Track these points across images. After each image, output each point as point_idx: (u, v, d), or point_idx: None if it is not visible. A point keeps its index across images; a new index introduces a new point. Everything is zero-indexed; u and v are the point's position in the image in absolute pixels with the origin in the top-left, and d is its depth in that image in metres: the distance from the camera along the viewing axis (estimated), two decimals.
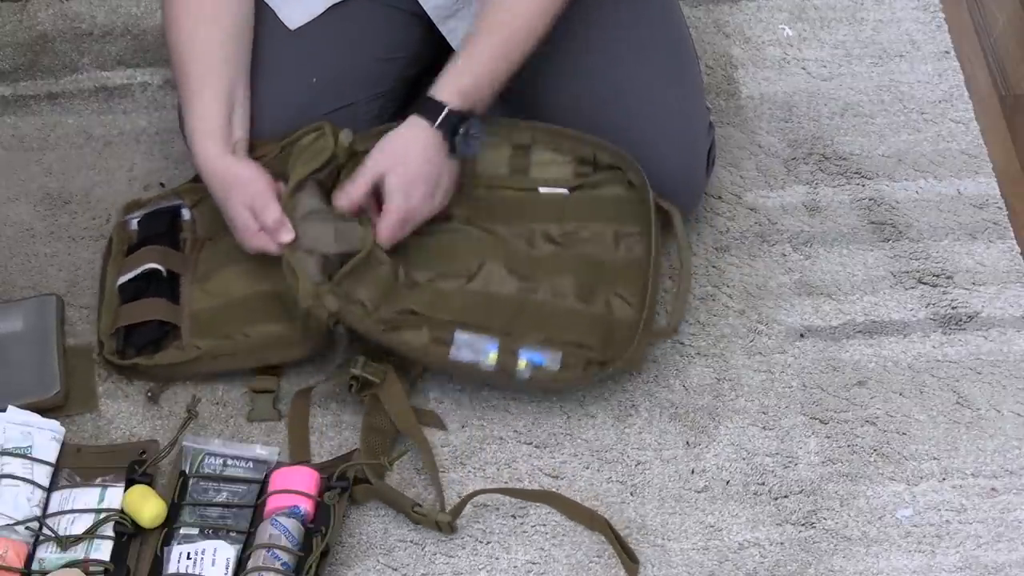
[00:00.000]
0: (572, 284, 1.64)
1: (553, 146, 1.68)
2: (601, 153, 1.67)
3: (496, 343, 1.60)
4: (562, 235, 1.67)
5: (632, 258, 1.65)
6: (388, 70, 1.72)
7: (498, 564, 1.55)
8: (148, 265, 1.68)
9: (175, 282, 1.69)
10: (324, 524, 1.51)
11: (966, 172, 1.86)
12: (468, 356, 1.60)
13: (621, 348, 1.59)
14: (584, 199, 1.68)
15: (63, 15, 2.02)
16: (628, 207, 1.66)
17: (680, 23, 1.76)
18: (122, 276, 1.69)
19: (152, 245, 1.70)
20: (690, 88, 1.72)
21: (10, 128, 1.91)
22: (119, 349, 1.66)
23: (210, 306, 1.66)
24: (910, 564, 1.55)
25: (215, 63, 1.61)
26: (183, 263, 1.70)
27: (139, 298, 1.67)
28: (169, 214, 1.73)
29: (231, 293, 1.66)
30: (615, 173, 1.67)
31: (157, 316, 1.65)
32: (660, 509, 1.58)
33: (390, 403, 1.60)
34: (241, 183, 1.59)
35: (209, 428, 1.64)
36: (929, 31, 2.00)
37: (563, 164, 1.68)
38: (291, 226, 1.58)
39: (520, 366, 1.59)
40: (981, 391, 1.67)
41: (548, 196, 1.69)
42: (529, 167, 1.69)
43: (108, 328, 1.67)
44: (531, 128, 1.68)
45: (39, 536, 1.52)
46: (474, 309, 1.62)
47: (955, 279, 1.76)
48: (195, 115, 1.60)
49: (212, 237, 1.70)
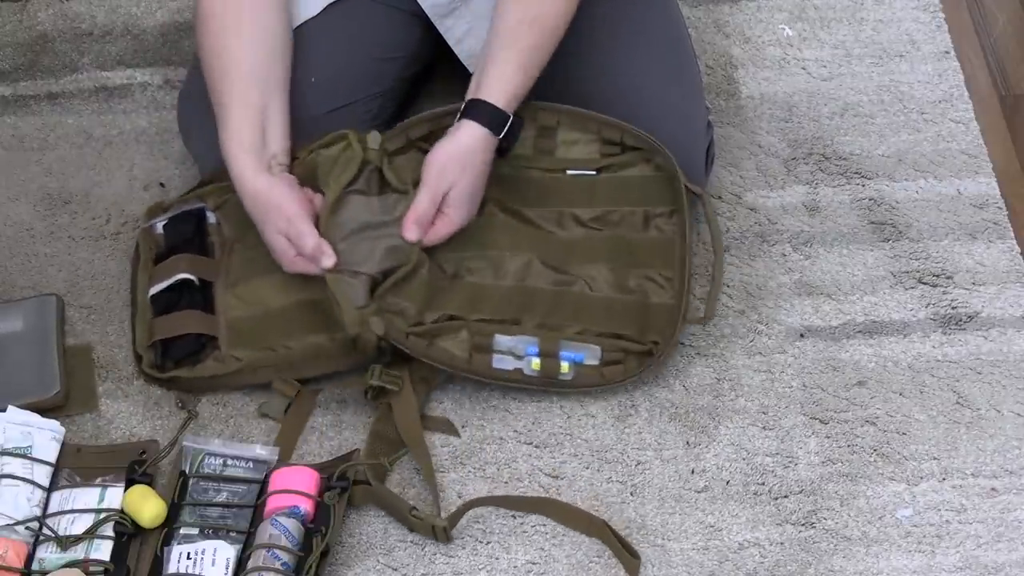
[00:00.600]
0: (606, 272, 1.64)
1: (579, 126, 1.68)
2: (627, 136, 1.67)
3: (536, 345, 1.61)
4: (593, 218, 1.67)
5: (663, 238, 1.65)
6: (387, 69, 1.72)
7: (498, 564, 1.55)
8: (179, 276, 1.67)
9: (208, 290, 1.68)
10: (324, 524, 1.51)
11: (966, 172, 1.86)
12: (511, 364, 1.61)
13: (658, 334, 1.60)
14: (613, 181, 1.68)
15: (63, 15, 2.02)
16: (656, 187, 1.66)
17: (679, 22, 1.76)
18: (154, 286, 1.68)
19: (181, 252, 1.69)
20: (688, 87, 1.73)
21: (10, 128, 1.91)
22: (158, 363, 1.65)
23: (248, 315, 1.65)
24: (910, 564, 1.55)
25: (246, 78, 1.58)
26: (214, 269, 1.69)
27: (172, 309, 1.66)
28: (195, 218, 1.71)
29: (269, 302, 1.65)
30: (641, 153, 1.67)
31: (193, 329, 1.64)
32: (660, 509, 1.58)
33: (401, 415, 1.61)
34: (275, 208, 1.57)
35: (209, 428, 1.64)
36: (929, 31, 2.00)
37: (589, 144, 1.68)
38: (331, 250, 1.57)
39: (563, 369, 1.60)
40: (981, 391, 1.67)
41: (577, 178, 1.68)
42: (555, 148, 1.69)
43: (144, 341, 1.66)
44: (556, 110, 1.68)
45: (39, 536, 1.52)
46: (511, 305, 1.63)
47: (955, 279, 1.76)
48: (228, 131, 1.58)
49: (241, 239, 1.69)
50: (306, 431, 1.64)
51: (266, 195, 1.57)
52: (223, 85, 1.59)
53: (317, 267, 1.58)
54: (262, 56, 1.60)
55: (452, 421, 1.64)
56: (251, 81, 1.59)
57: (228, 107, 1.58)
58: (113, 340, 1.71)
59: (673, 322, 1.61)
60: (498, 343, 1.62)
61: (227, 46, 1.59)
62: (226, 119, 1.58)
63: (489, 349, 1.61)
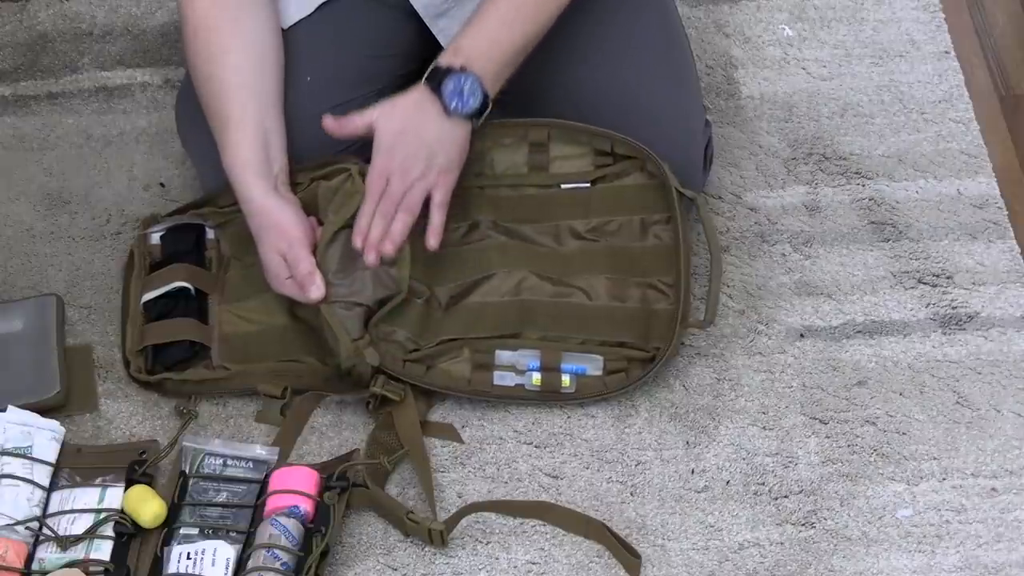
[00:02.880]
0: (605, 282, 1.64)
1: (570, 139, 1.67)
2: (618, 145, 1.67)
3: (538, 359, 1.60)
4: (589, 230, 1.67)
5: (662, 245, 1.65)
6: (382, 68, 1.71)
7: (498, 564, 1.55)
8: (177, 283, 1.68)
9: (203, 301, 1.69)
10: (324, 524, 1.51)
11: (966, 172, 1.86)
12: (512, 380, 1.61)
13: (661, 340, 1.60)
14: (607, 191, 1.67)
15: (63, 15, 2.02)
16: (651, 194, 1.66)
17: (675, 22, 1.76)
18: (148, 292, 1.69)
19: (179, 263, 1.69)
20: (686, 86, 1.72)
21: (10, 128, 1.91)
22: (148, 368, 1.65)
23: (244, 332, 1.66)
24: (910, 564, 1.55)
25: (240, 93, 1.58)
26: (211, 282, 1.70)
27: (167, 316, 1.66)
28: (194, 231, 1.72)
29: (265, 321, 1.65)
30: (634, 162, 1.66)
31: (187, 336, 1.65)
32: (660, 509, 1.58)
33: (403, 426, 1.61)
34: (278, 228, 1.57)
35: (209, 428, 1.64)
36: (929, 31, 2.00)
37: (582, 156, 1.68)
38: (321, 282, 1.57)
39: (565, 383, 1.60)
40: (981, 391, 1.67)
41: (571, 192, 1.68)
42: (549, 163, 1.68)
43: (135, 346, 1.66)
44: (546, 125, 1.68)
45: (39, 536, 1.52)
46: (510, 320, 1.63)
47: (955, 279, 1.76)
48: (231, 152, 1.57)
49: (240, 258, 1.69)
50: (306, 431, 1.64)
51: (276, 216, 1.57)
52: (218, 103, 1.58)
53: (304, 295, 1.58)
54: (255, 72, 1.59)
55: (455, 427, 1.63)
56: (248, 96, 1.58)
57: (227, 125, 1.57)
58: (113, 340, 1.71)
59: (672, 328, 1.61)
60: (499, 358, 1.62)
61: (220, 64, 1.58)
62: (226, 139, 1.57)
63: (490, 366, 1.62)
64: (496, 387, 1.62)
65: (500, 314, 1.63)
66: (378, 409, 1.62)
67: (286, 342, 1.65)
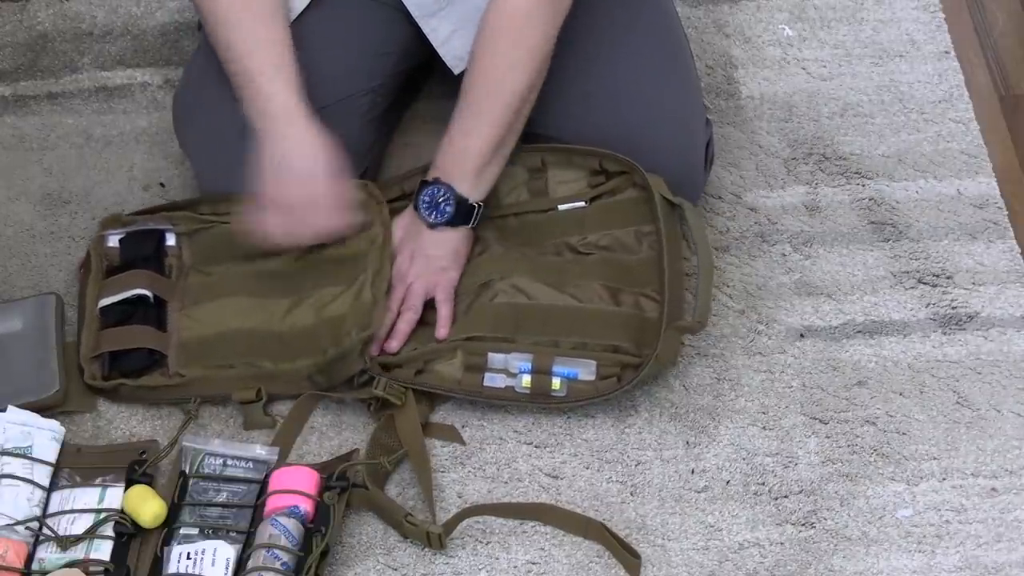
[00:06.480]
0: (600, 288, 1.65)
1: (564, 163, 1.70)
2: (608, 162, 1.68)
3: (530, 361, 1.60)
4: (584, 244, 1.68)
5: (655, 256, 1.65)
6: (377, 65, 1.71)
7: (498, 564, 1.55)
8: (136, 290, 1.67)
9: (162, 309, 1.68)
10: (324, 524, 1.51)
11: (966, 172, 1.86)
12: (502, 382, 1.61)
13: (652, 347, 1.60)
14: (602, 208, 1.69)
15: (63, 15, 2.02)
16: (644, 207, 1.67)
17: (675, 22, 1.76)
18: (106, 297, 1.68)
19: (138, 268, 1.69)
20: (686, 86, 1.73)
21: (10, 128, 1.91)
22: (104, 374, 1.64)
23: (200, 335, 1.66)
24: (910, 564, 1.55)
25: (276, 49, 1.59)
26: (170, 290, 1.69)
27: (124, 322, 1.65)
28: (154, 237, 1.71)
29: (224, 324, 1.65)
30: (626, 178, 1.68)
31: (144, 344, 1.64)
32: (660, 509, 1.58)
33: (404, 429, 1.61)
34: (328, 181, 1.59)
35: (209, 428, 1.64)
36: (929, 31, 2.00)
37: (578, 180, 1.70)
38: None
39: (555, 386, 1.60)
40: (981, 391, 1.67)
41: (567, 212, 1.70)
42: (547, 187, 1.71)
43: (90, 351, 1.65)
44: (539, 150, 1.70)
45: (39, 536, 1.52)
46: (505, 320, 1.63)
47: (955, 279, 1.76)
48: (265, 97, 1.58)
49: (201, 268, 1.70)
50: (306, 431, 1.64)
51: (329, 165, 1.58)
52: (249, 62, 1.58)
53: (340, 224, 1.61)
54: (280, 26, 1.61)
55: (457, 428, 1.63)
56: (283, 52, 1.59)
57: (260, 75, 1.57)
58: None
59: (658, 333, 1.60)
60: (492, 361, 1.62)
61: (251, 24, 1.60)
62: (262, 88, 1.57)
63: (482, 368, 1.62)
64: (486, 388, 1.62)
65: (495, 316, 1.63)
66: (379, 412, 1.62)
67: (246, 345, 1.64)
